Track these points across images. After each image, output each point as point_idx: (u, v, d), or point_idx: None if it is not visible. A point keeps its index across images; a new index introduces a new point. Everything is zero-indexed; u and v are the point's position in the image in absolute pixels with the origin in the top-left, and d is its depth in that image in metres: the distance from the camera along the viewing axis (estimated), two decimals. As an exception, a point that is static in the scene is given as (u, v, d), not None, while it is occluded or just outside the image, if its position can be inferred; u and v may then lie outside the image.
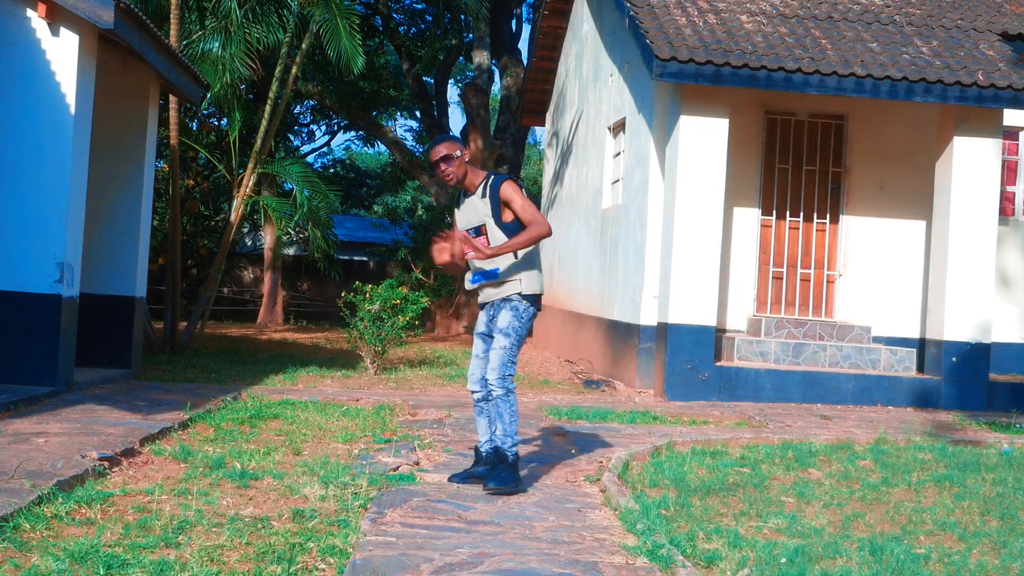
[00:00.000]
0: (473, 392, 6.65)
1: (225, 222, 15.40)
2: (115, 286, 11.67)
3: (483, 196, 6.47)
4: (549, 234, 6.40)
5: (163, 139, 15.32)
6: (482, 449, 6.62)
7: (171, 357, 14.56)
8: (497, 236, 6.40)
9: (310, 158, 42.11)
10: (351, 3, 14.39)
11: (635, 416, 10.22)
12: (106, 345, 11.55)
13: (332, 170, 42.11)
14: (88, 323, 11.28)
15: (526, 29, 32.78)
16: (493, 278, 6.48)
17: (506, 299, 6.48)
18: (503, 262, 6.43)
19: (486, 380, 6.49)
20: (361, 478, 6.50)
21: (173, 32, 14.13)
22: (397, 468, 6.98)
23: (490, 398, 6.51)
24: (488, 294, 6.55)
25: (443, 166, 6.48)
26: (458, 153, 6.48)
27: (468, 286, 6.69)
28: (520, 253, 6.45)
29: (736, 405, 11.66)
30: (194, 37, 14.45)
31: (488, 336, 6.58)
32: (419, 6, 26.43)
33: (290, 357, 15.60)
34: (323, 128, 38.97)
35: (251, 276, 33.70)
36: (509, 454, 6.44)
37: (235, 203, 15.61)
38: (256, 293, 32.06)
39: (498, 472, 6.40)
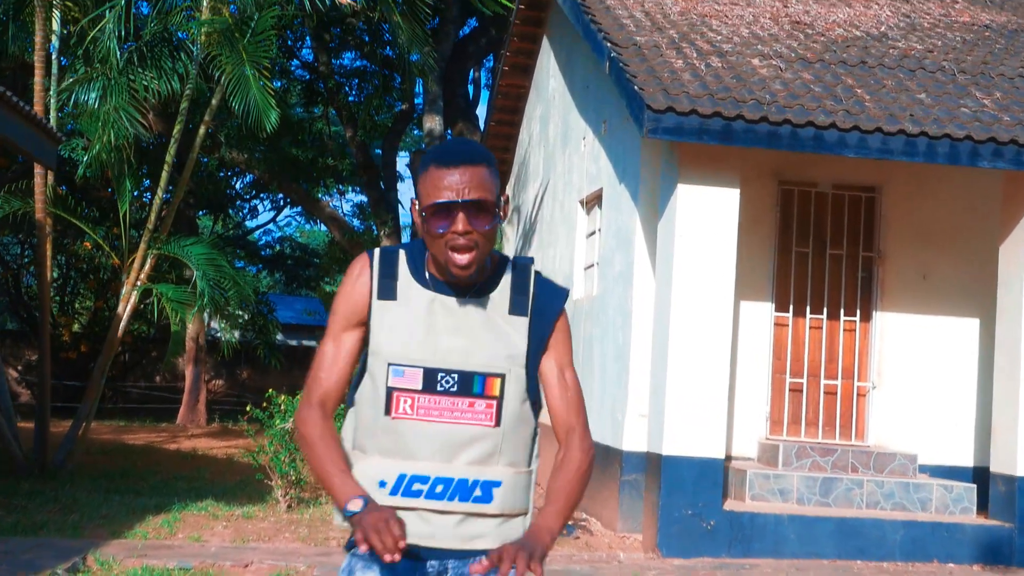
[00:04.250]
0: None
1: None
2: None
3: (517, 308, 2.79)
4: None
5: (29, 214, 12.38)
6: None
7: (35, 485, 11.52)
8: (522, 413, 2.77)
9: (257, 235, 39.39)
10: (265, 46, 11.53)
11: (624, 594, 7.40)
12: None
13: (277, 247, 39.20)
14: None
15: (484, 97, 30.36)
16: (482, 501, 2.76)
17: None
18: (507, 471, 2.77)
19: None
20: None
21: (38, 79, 11.29)
22: None
23: None
24: (447, 534, 2.74)
25: (469, 222, 2.63)
26: (502, 203, 2.73)
27: (386, 498, 2.70)
28: (535, 462, 2.88)
29: (753, 565, 8.80)
30: (63, 85, 11.58)
31: None
32: (370, 67, 23.76)
33: (188, 481, 12.59)
34: (268, 204, 36.25)
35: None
36: None
37: (124, 291, 12.69)
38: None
39: None
